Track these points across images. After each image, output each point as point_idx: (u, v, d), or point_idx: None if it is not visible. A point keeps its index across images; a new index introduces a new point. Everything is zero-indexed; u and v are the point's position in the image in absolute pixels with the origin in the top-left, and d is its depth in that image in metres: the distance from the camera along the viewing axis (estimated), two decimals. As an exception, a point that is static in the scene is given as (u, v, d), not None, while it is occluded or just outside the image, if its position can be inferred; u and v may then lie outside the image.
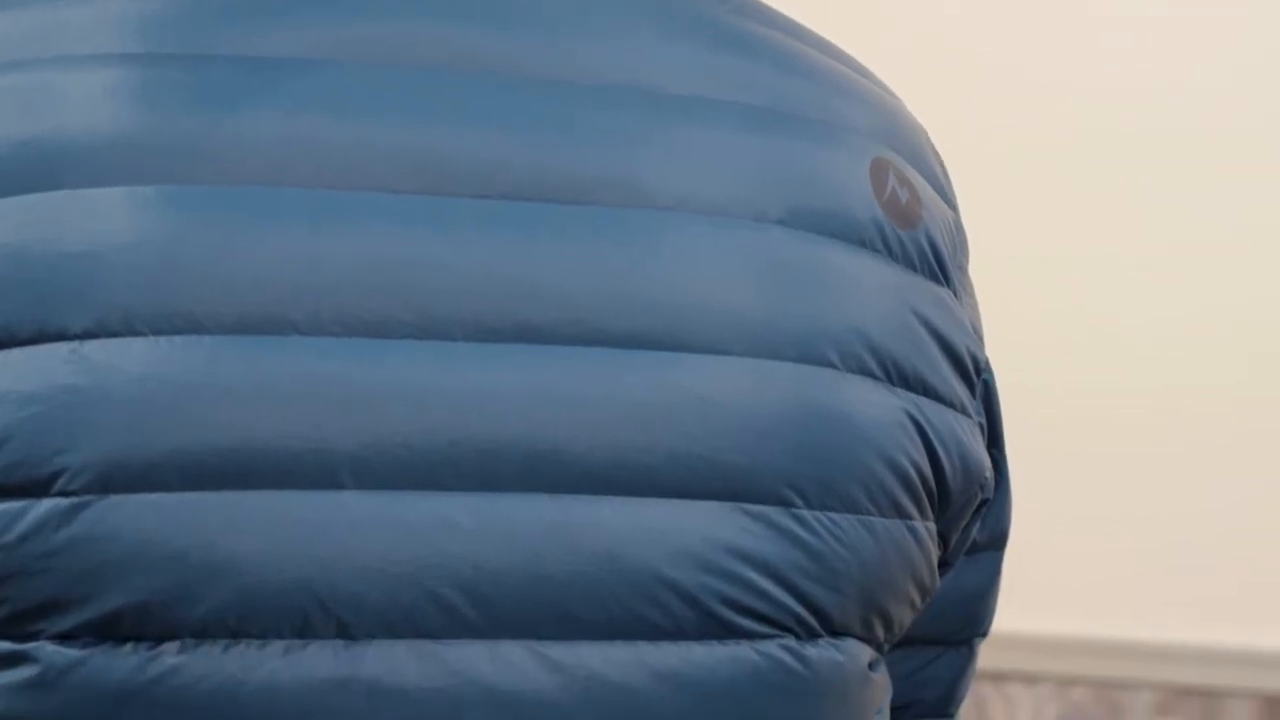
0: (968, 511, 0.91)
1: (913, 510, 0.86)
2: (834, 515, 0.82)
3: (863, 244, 0.86)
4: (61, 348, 0.77)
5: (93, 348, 0.76)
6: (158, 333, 0.77)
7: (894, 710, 0.98)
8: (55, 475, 0.75)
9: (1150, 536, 2.87)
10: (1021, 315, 2.82)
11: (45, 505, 0.76)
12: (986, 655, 1.06)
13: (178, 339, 0.77)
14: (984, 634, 1.00)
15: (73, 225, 0.77)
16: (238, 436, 0.76)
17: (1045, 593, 2.86)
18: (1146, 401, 2.88)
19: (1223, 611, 2.83)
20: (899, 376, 0.86)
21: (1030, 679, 2.94)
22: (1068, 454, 2.90)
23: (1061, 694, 2.93)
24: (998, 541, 0.97)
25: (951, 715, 1.02)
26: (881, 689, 0.89)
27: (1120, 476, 2.89)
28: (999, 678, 2.93)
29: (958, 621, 0.98)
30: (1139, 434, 2.88)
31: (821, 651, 0.83)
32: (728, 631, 0.81)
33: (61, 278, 0.77)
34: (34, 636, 0.76)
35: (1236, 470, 2.82)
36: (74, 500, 0.75)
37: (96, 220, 0.77)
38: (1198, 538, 2.85)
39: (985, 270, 1.33)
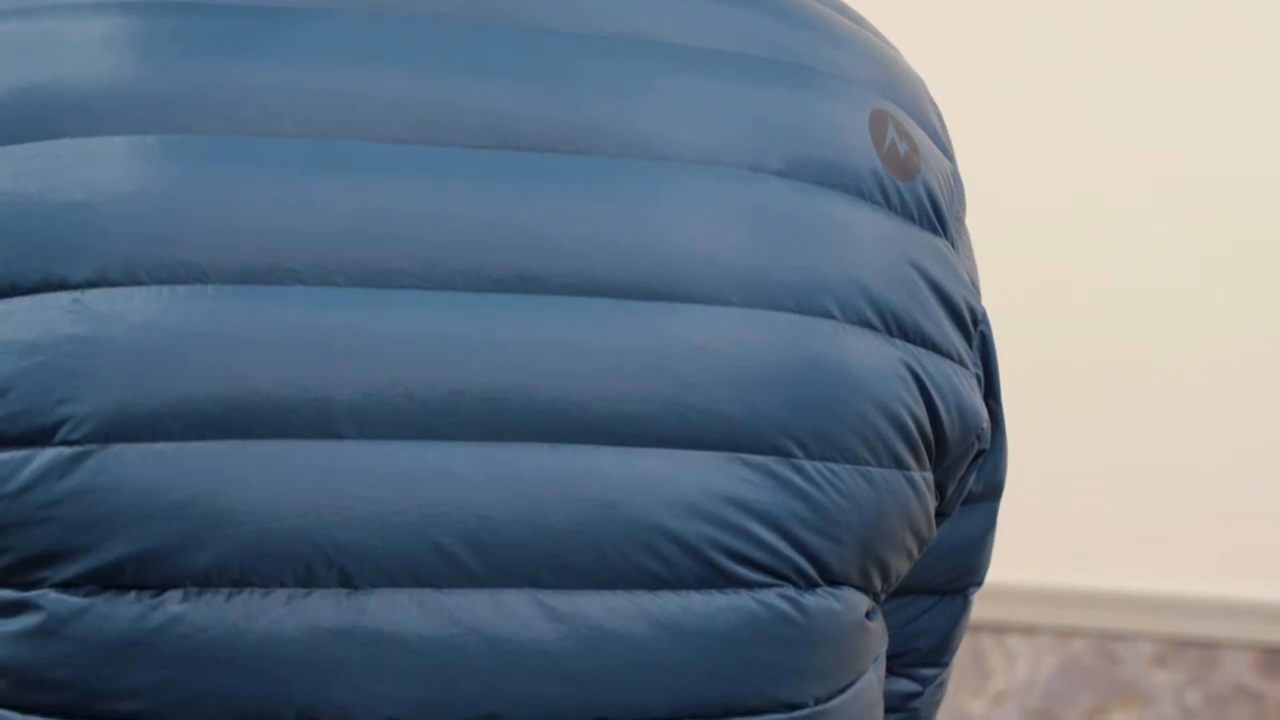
0: (964, 462, 0.91)
1: (910, 461, 0.86)
2: (833, 466, 0.83)
3: (861, 195, 0.87)
4: (63, 297, 0.77)
5: (95, 297, 0.77)
6: (160, 282, 0.77)
7: (889, 659, 0.98)
8: (58, 425, 0.76)
9: (1148, 488, 2.88)
10: (1019, 267, 2.82)
11: (48, 455, 0.76)
12: (986, 607, 1.06)
13: (180, 288, 0.77)
14: (979, 584, 1.01)
15: (73, 175, 0.78)
16: (240, 386, 0.77)
17: (1044, 545, 2.87)
18: (1144, 353, 2.88)
19: (1221, 564, 2.84)
20: (897, 328, 0.86)
21: (1029, 630, 2.95)
22: (1066, 405, 2.90)
23: (1060, 645, 2.94)
24: (994, 492, 0.97)
25: (945, 664, 1.02)
26: (878, 638, 0.89)
27: (1119, 429, 2.90)
28: (998, 629, 2.94)
29: (953, 571, 0.98)
30: (1137, 386, 2.88)
31: (820, 601, 0.83)
32: (727, 581, 0.81)
33: (62, 227, 0.77)
34: (37, 585, 0.77)
35: (1236, 423, 2.83)
36: (76, 450, 0.76)
37: (97, 170, 0.78)
38: (1196, 490, 2.85)
39: (982, 222, 1.33)
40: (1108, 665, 2.91)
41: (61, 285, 0.77)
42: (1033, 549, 2.77)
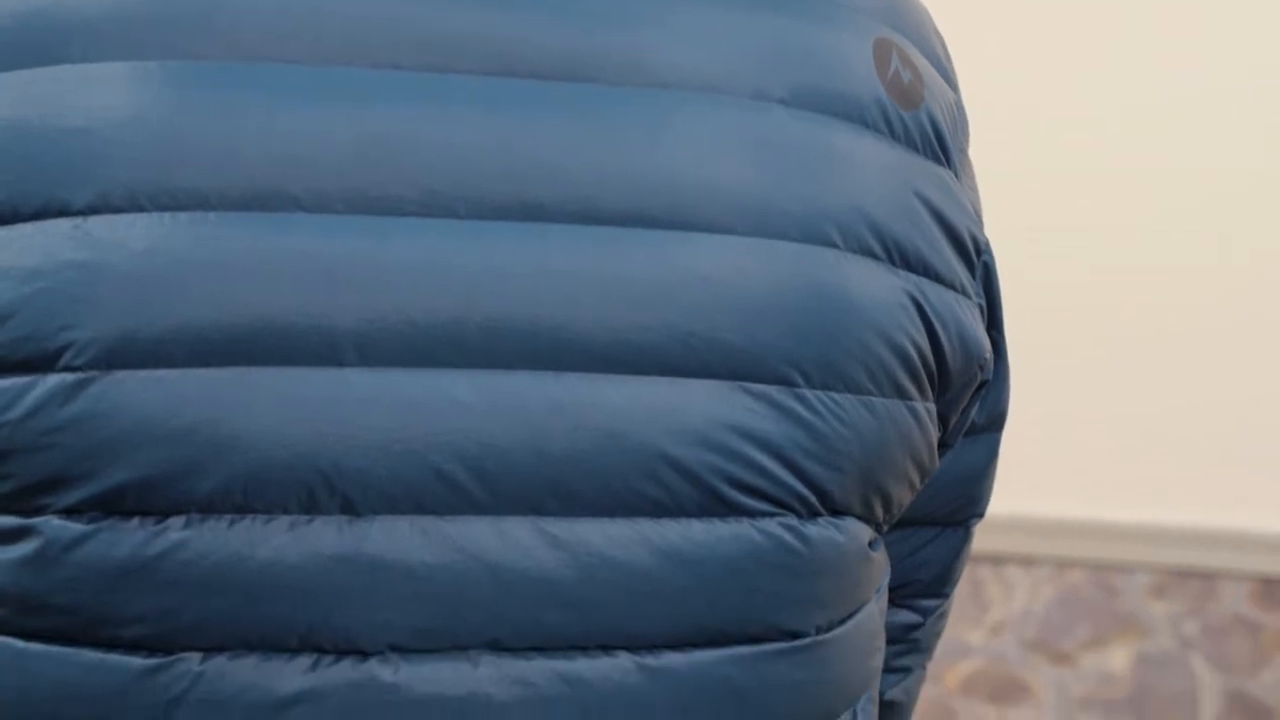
0: (967, 393, 0.91)
1: (913, 391, 0.86)
2: (835, 395, 0.83)
3: (865, 124, 0.86)
4: (64, 223, 0.77)
5: (96, 224, 0.76)
6: (161, 208, 0.77)
7: (890, 590, 0.99)
8: (60, 351, 0.76)
9: (1148, 419, 2.88)
10: (1021, 198, 2.81)
11: (51, 381, 0.76)
12: (984, 538, 1.07)
13: (182, 215, 0.77)
14: (980, 515, 1.01)
15: (74, 100, 0.77)
16: (242, 313, 0.76)
17: (1043, 476, 2.87)
18: (1144, 284, 2.87)
19: (1219, 494, 2.84)
20: (900, 257, 0.86)
21: (1027, 561, 2.96)
22: (1065, 336, 2.90)
23: (1058, 576, 2.95)
24: (996, 423, 0.97)
25: (946, 595, 1.03)
26: (880, 568, 0.89)
27: (1118, 359, 2.90)
28: (997, 560, 2.95)
29: (955, 502, 0.98)
30: (1137, 316, 2.88)
31: (821, 530, 0.83)
32: (729, 509, 0.81)
33: (63, 153, 0.77)
34: (39, 511, 0.77)
35: (1234, 353, 2.83)
36: (79, 376, 0.76)
37: (98, 95, 0.77)
38: (1195, 421, 2.86)
39: (984, 154, 1.33)
40: (1106, 596, 2.92)
41: (62, 211, 0.77)
42: (1031, 480, 2.78)
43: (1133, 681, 2.90)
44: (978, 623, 2.99)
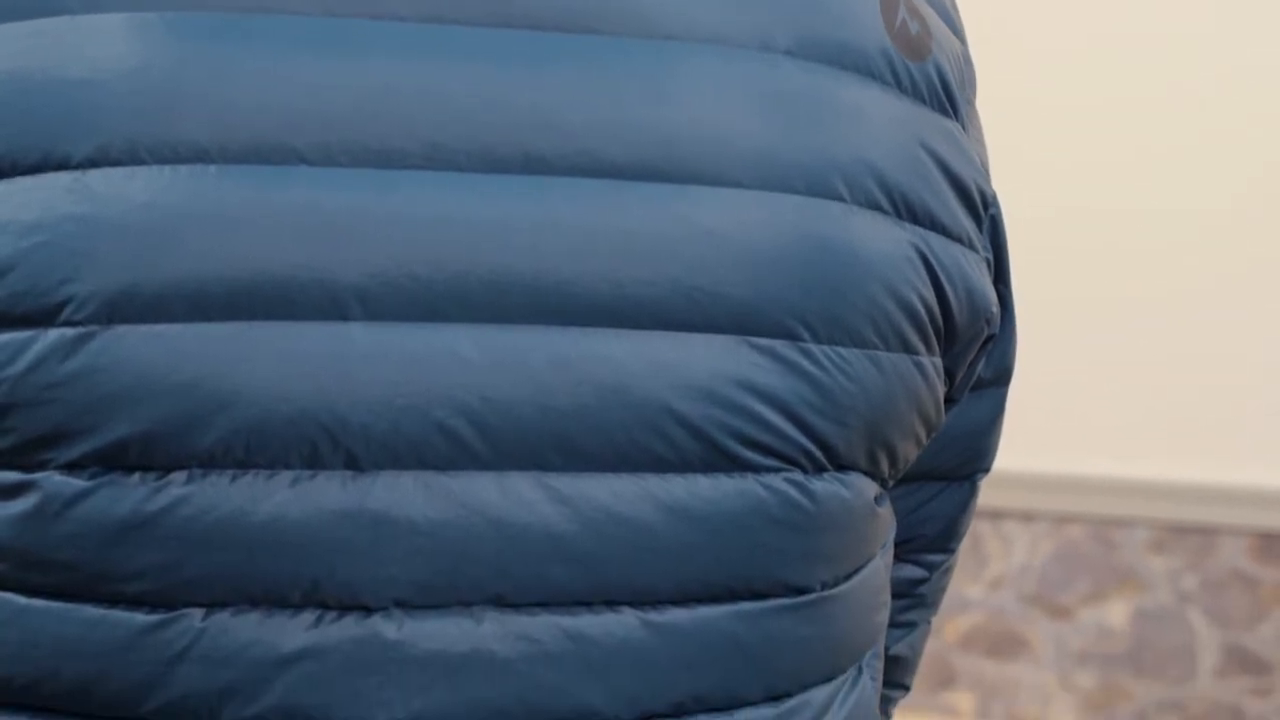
0: (974, 347, 0.90)
1: (919, 345, 0.85)
2: (841, 349, 0.82)
3: (872, 75, 0.85)
4: (64, 177, 0.76)
5: (96, 177, 0.76)
6: (162, 161, 0.76)
7: (896, 545, 0.98)
8: (61, 305, 0.75)
9: (1147, 375, 2.88)
10: (1028, 152, 2.81)
11: (51, 336, 0.75)
12: (983, 493, 1.06)
13: (182, 168, 0.76)
14: (986, 470, 1.00)
15: (74, 51, 0.76)
16: (244, 267, 0.76)
17: (1042, 431, 2.87)
18: (1145, 239, 2.87)
19: (1218, 450, 2.84)
20: (907, 210, 0.85)
21: (1026, 516, 2.97)
22: (1064, 291, 2.90)
23: (1057, 531, 2.95)
24: (1002, 377, 0.97)
25: (952, 550, 1.02)
26: (886, 524, 0.89)
27: (1117, 314, 2.89)
28: (996, 515, 2.95)
29: (961, 457, 0.98)
30: (1136, 272, 2.88)
31: (827, 485, 0.83)
32: (734, 464, 0.80)
33: (63, 105, 0.76)
34: (41, 466, 0.76)
35: (1233, 309, 2.82)
36: (80, 330, 0.75)
37: (98, 46, 0.76)
38: (1193, 376, 2.85)
39: (992, 106, 1.32)
40: (1104, 551, 2.92)
41: (62, 164, 0.76)
42: (1031, 435, 2.78)
43: (1131, 635, 2.91)
44: (977, 577, 2.99)
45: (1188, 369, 2.85)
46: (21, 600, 0.78)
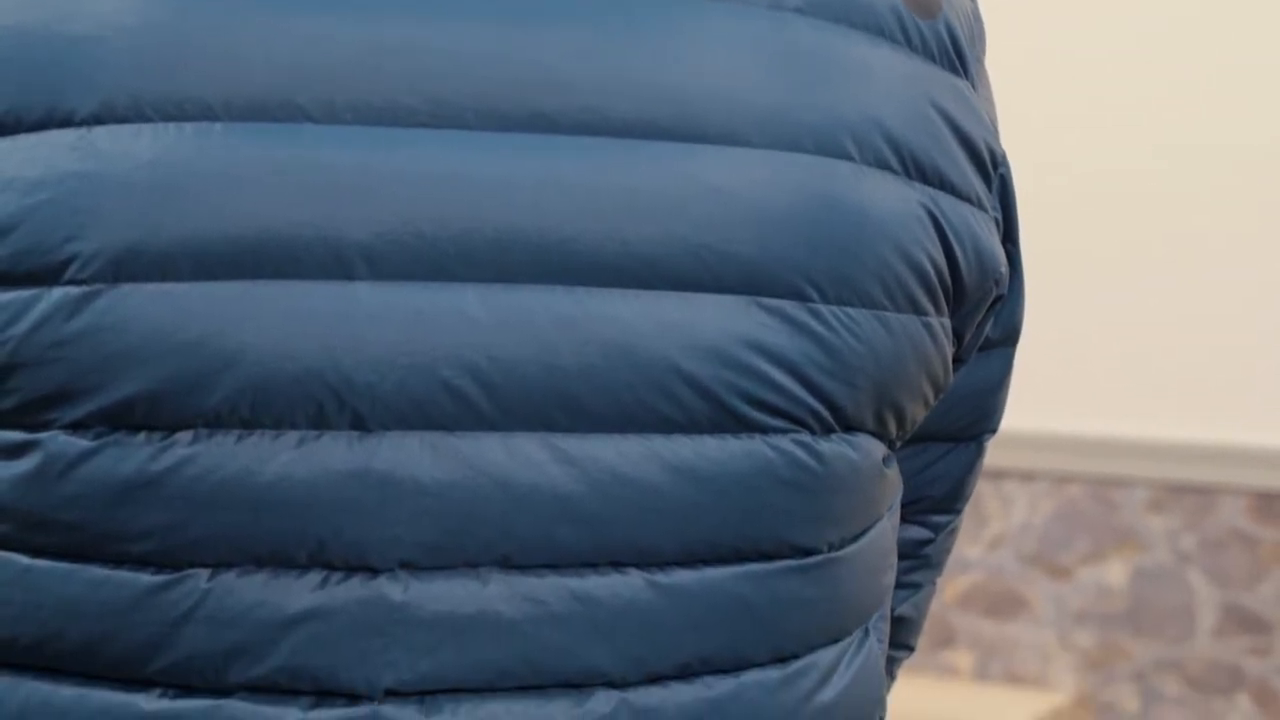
0: (982, 307, 0.90)
1: (928, 305, 0.85)
2: (849, 310, 0.82)
3: (881, 33, 0.85)
4: (68, 134, 0.75)
5: (100, 134, 0.75)
6: (167, 119, 0.75)
7: (902, 506, 0.98)
8: (65, 263, 0.75)
9: (1146, 335, 2.88)
10: (1036, 108, 2.80)
11: (55, 294, 0.75)
12: (983, 454, 1.06)
13: (187, 125, 0.75)
14: (993, 430, 1.00)
15: (77, 7, 0.76)
16: (250, 225, 0.75)
17: (1042, 391, 2.87)
18: (1145, 199, 2.86)
19: (1217, 409, 2.84)
20: (916, 170, 0.84)
21: (1026, 476, 2.97)
22: (1062, 250, 2.89)
23: (1056, 491, 2.95)
24: (1010, 337, 0.96)
25: (958, 511, 1.02)
26: (893, 485, 0.89)
27: (1117, 274, 2.89)
28: (996, 475, 2.95)
29: (968, 418, 0.97)
30: (1137, 232, 2.87)
31: (835, 447, 0.82)
32: (741, 425, 0.80)
33: (68, 60, 0.75)
34: (45, 426, 0.76)
35: (1233, 269, 2.82)
36: (85, 289, 0.75)
37: (101, 1, 0.76)
38: (1193, 336, 2.85)
39: (1001, 66, 1.31)
40: (1104, 510, 2.92)
41: (66, 121, 0.76)
42: (1031, 395, 2.78)
43: (1130, 595, 2.91)
44: (976, 537, 2.99)
45: (1187, 329, 2.85)
46: (25, 560, 0.78)
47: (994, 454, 2.84)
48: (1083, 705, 2.94)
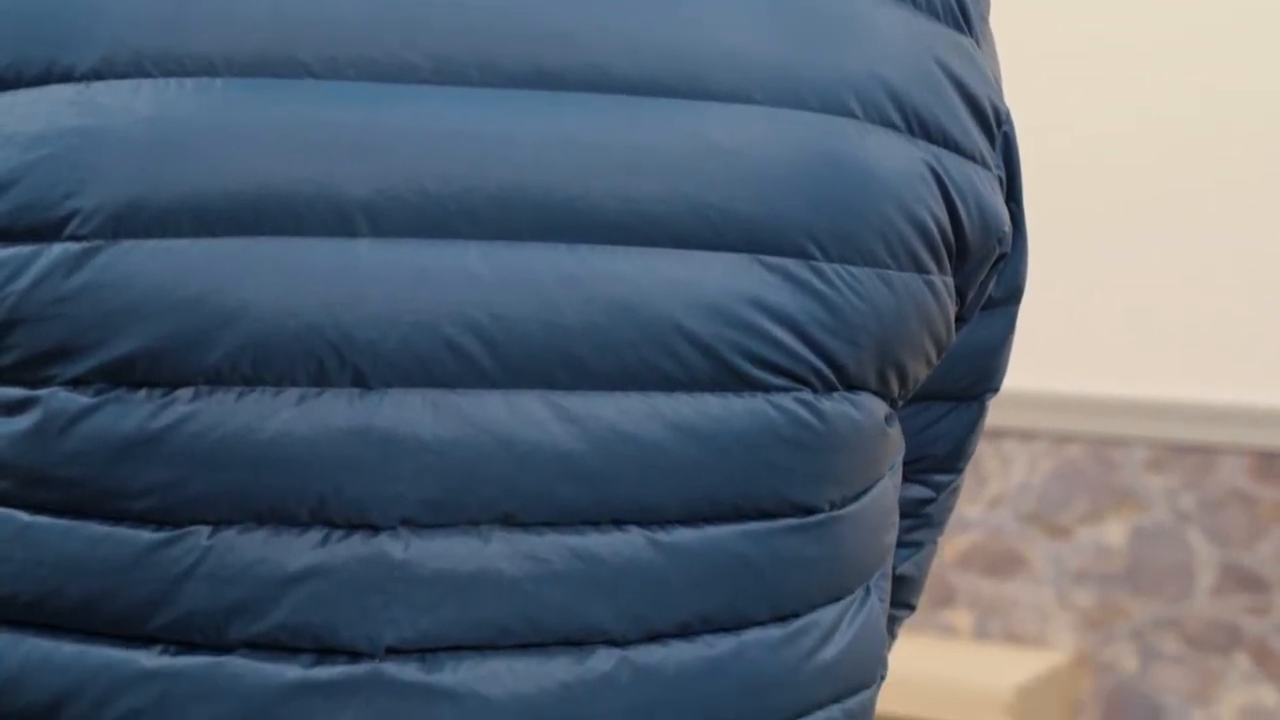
0: (985, 266, 0.89)
1: (931, 264, 0.85)
2: (852, 268, 0.81)
3: None
4: (67, 89, 0.75)
5: (100, 90, 0.75)
6: (167, 74, 0.75)
7: (904, 465, 0.98)
8: (65, 219, 0.74)
9: (1147, 294, 2.88)
10: (1039, 66, 2.79)
11: (56, 250, 0.74)
12: (982, 412, 1.06)
13: (188, 81, 0.75)
14: (996, 389, 1.00)
15: None
16: (250, 182, 0.75)
17: (1042, 350, 2.87)
18: (1147, 158, 2.86)
19: (1217, 368, 2.84)
20: (920, 127, 0.84)
21: (1026, 435, 2.97)
22: (1063, 209, 2.89)
23: (1056, 450, 2.96)
24: (1013, 296, 0.96)
25: (960, 470, 1.02)
26: (895, 444, 0.88)
27: (1116, 232, 2.89)
28: (995, 435, 2.95)
29: (971, 376, 0.97)
30: (1138, 191, 2.87)
31: (836, 405, 0.82)
32: (743, 383, 0.80)
33: (67, 15, 0.75)
34: (45, 382, 0.76)
35: (1234, 228, 2.82)
36: (85, 245, 0.74)
37: None
38: (1193, 296, 2.85)
39: (1005, 19, 1.31)
40: (1103, 470, 2.93)
41: (66, 76, 0.75)
42: (1030, 354, 2.78)
43: (1129, 554, 2.91)
44: (975, 496, 3.00)
45: (1187, 288, 2.85)
46: (25, 517, 0.78)
47: (993, 414, 2.83)
48: (1081, 664, 2.94)
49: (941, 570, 3.02)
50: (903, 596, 1.02)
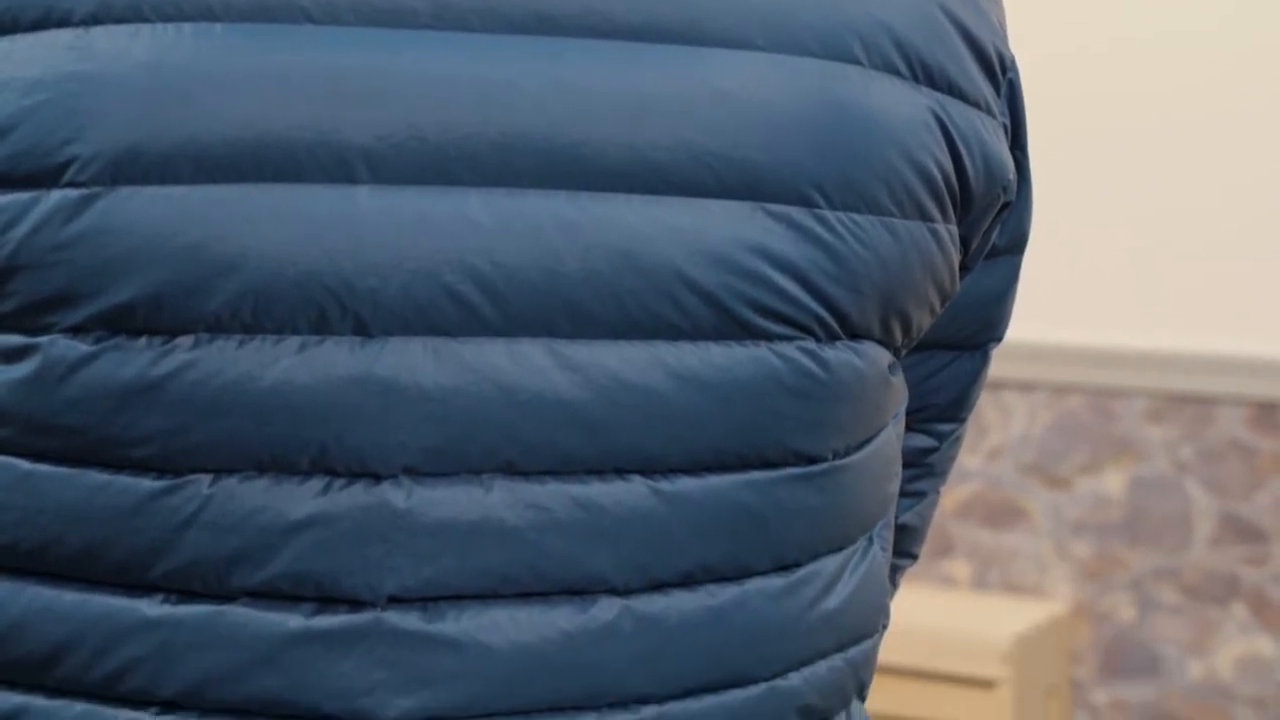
0: (989, 214, 0.89)
1: (935, 212, 0.84)
2: (856, 216, 0.81)
3: None
4: (65, 34, 0.74)
5: (98, 34, 0.74)
6: (166, 19, 0.75)
7: (907, 414, 0.97)
8: (64, 166, 0.74)
9: (1146, 244, 2.87)
10: (1043, 13, 2.78)
11: (54, 197, 0.74)
12: (983, 364, 1.05)
13: (186, 26, 0.75)
14: (999, 339, 0.99)
15: None
16: (250, 128, 0.74)
17: (1041, 301, 2.86)
18: (1149, 106, 2.85)
19: (1217, 319, 2.84)
20: (924, 74, 0.83)
21: (1025, 386, 2.96)
22: (1059, 157, 2.88)
23: (1055, 401, 2.95)
24: (1017, 245, 0.95)
25: (962, 420, 1.02)
26: (898, 393, 0.88)
27: (1116, 183, 2.88)
28: (995, 385, 2.95)
29: (974, 325, 0.97)
30: (1138, 140, 2.86)
31: (840, 354, 0.82)
32: (746, 332, 0.79)
33: None
34: (45, 330, 0.75)
35: (1234, 179, 2.81)
36: (84, 192, 0.74)
37: None
38: (1193, 246, 2.84)
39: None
40: (1103, 421, 2.92)
41: (64, 21, 0.75)
42: (1030, 305, 2.77)
43: (1128, 505, 2.91)
44: (975, 447, 3.00)
45: (1187, 239, 2.84)
46: (26, 465, 0.77)
47: (993, 365, 2.86)
48: (1079, 614, 2.95)
49: (941, 520, 3.02)
50: (905, 546, 1.02)
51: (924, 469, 1.01)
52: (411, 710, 0.77)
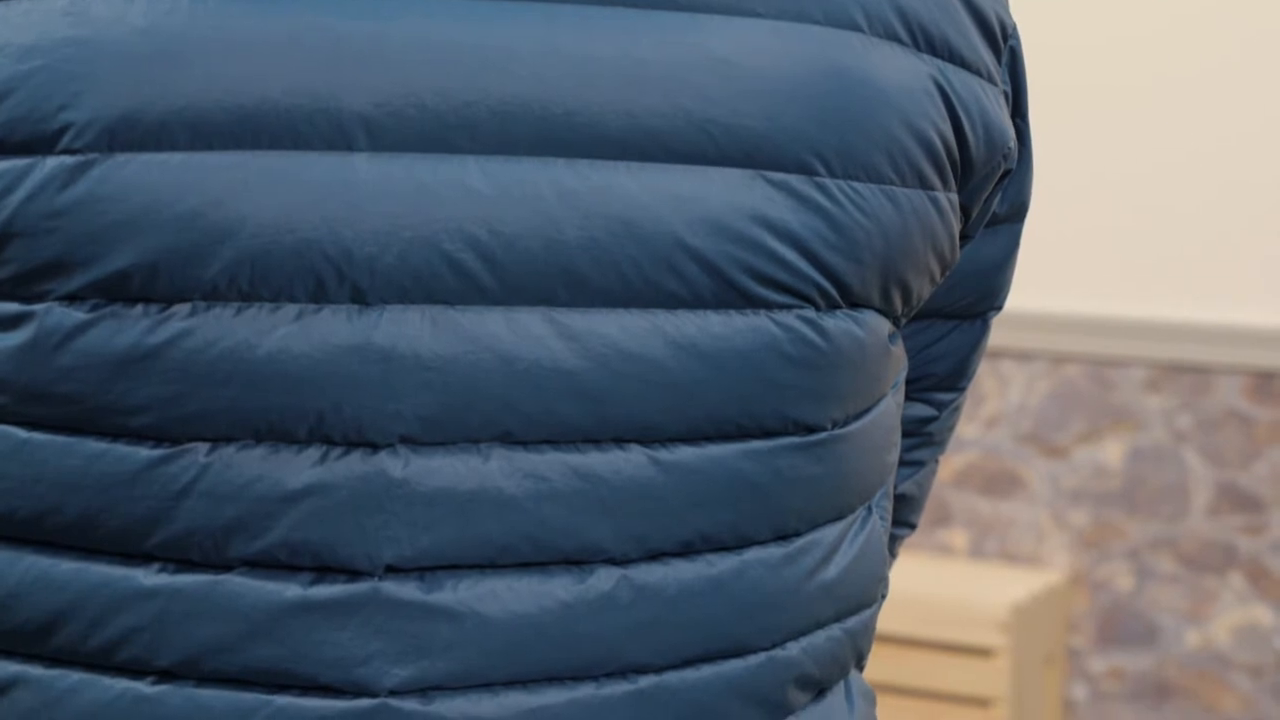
0: (990, 182, 0.88)
1: (935, 180, 0.84)
2: (856, 184, 0.80)
3: None
4: None
5: (94, 0, 0.74)
6: None
7: (907, 383, 0.97)
8: (60, 132, 0.73)
9: (1145, 214, 2.87)
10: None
11: (50, 164, 0.74)
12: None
13: None
14: (999, 308, 0.99)
15: None
16: (248, 94, 0.74)
17: (1040, 271, 2.86)
18: (1146, 75, 2.84)
19: (1215, 289, 2.84)
20: (925, 41, 0.83)
21: (1023, 356, 2.96)
22: (1058, 128, 2.87)
23: (1053, 370, 2.95)
24: (1018, 213, 0.95)
25: (962, 389, 1.01)
26: (898, 362, 0.88)
27: (1114, 153, 2.88)
28: (993, 355, 2.95)
29: (974, 294, 0.96)
30: (1138, 111, 2.85)
31: (840, 323, 0.81)
32: (746, 301, 0.79)
33: None
34: (41, 297, 0.75)
35: (1234, 150, 2.80)
36: (80, 158, 0.73)
37: None
38: (1191, 216, 2.84)
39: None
40: (1100, 390, 2.92)
41: (59, -14, 0.74)
42: (1028, 274, 2.77)
43: (1125, 474, 2.92)
44: (973, 416, 3.00)
45: (1185, 209, 2.84)
46: (23, 433, 0.77)
47: (991, 334, 2.86)
48: (1077, 583, 2.95)
49: (938, 489, 3.02)
50: (904, 515, 1.02)
51: (923, 438, 1.00)
52: (409, 680, 0.77)
